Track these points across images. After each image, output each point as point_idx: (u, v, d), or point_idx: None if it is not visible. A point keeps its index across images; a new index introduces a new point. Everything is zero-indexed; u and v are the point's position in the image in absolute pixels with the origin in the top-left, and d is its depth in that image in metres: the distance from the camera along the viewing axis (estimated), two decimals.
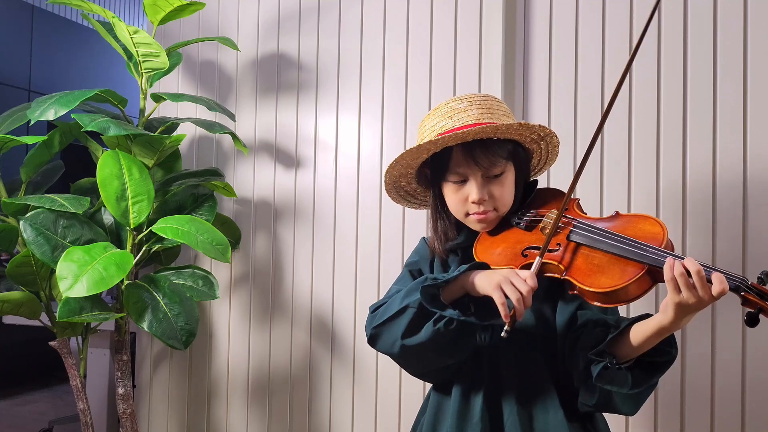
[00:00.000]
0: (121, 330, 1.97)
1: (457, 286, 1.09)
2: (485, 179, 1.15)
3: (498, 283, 1.01)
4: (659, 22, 1.66)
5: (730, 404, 1.56)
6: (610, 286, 0.97)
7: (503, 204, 1.17)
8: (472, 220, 1.17)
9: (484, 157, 1.12)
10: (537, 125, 1.15)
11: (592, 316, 1.09)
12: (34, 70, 4.95)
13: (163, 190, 2.01)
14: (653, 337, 0.98)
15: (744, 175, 1.57)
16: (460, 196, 1.16)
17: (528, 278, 1.01)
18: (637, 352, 1.01)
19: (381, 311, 1.16)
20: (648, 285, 0.97)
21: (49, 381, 4.59)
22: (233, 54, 2.24)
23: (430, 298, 1.07)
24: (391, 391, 1.93)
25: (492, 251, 1.15)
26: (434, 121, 1.17)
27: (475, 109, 1.14)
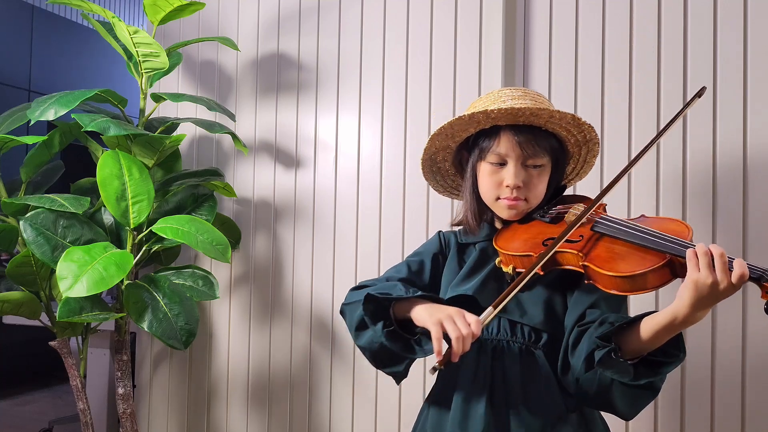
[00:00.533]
0: (121, 330, 1.97)
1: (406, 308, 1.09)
2: (524, 167, 1.15)
3: (439, 319, 1.00)
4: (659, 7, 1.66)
5: (731, 402, 1.56)
6: (629, 271, 0.97)
7: (535, 196, 1.17)
8: (502, 204, 1.17)
9: (529, 144, 1.13)
10: (588, 124, 1.17)
11: (601, 314, 1.08)
12: (34, 70, 4.95)
13: (163, 190, 2.01)
14: (663, 331, 0.96)
15: (744, 163, 1.57)
16: (496, 179, 1.16)
17: (473, 323, 0.98)
18: (645, 348, 0.99)
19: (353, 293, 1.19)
20: (667, 277, 0.97)
21: (49, 381, 4.59)
22: (233, 54, 2.24)
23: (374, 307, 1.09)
24: (391, 391, 1.93)
25: (513, 240, 1.15)
26: (484, 102, 1.17)
27: (528, 99, 1.15)
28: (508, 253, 1.13)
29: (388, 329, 1.08)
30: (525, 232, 1.16)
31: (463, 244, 1.26)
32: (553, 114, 1.12)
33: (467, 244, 1.26)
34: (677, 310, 0.94)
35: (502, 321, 1.14)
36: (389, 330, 1.08)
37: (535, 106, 1.12)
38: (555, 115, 1.13)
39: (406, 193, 1.93)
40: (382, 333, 1.07)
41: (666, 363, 1.00)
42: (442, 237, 1.29)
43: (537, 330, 1.13)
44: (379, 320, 1.09)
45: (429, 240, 1.32)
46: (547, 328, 1.12)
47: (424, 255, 1.27)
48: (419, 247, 1.32)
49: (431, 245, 1.29)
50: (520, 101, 1.14)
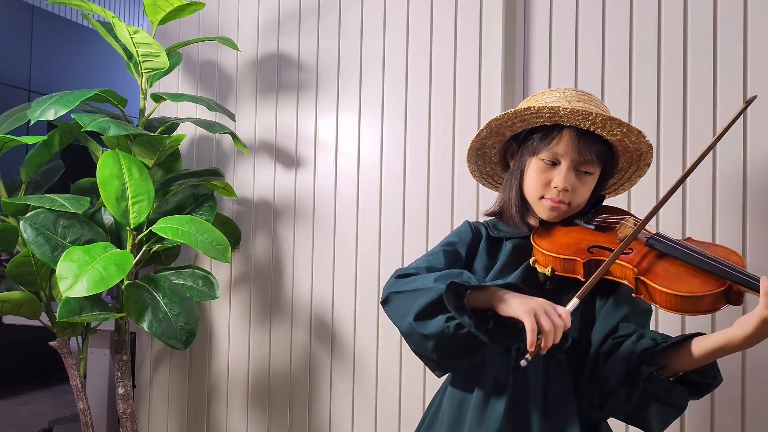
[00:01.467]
0: (121, 330, 1.97)
1: (486, 296, 1.03)
2: (575, 171, 1.14)
3: (533, 309, 0.96)
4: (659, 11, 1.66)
5: (731, 402, 1.56)
6: (688, 292, 0.97)
7: (578, 202, 1.16)
8: (545, 205, 1.16)
9: (587, 149, 1.12)
10: (649, 142, 1.16)
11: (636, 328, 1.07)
12: (34, 70, 4.95)
13: (163, 190, 2.01)
14: (715, 353, 0.96)
15: (744, 164, 1.57)
16: (544, 178, 1.15)
17: (564, 314, 0.97)
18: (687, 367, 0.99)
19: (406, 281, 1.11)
20: (722, 303, 0.98)
21: (49, 381, 4.59)
22: (233, 54, 2.24)
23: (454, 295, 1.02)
24: (391, 391, 1.93)
25: (554, 241, 1.13)
26: (550, 98, 1.16)
27: (593, 105, 1.14)
28: (550, 253, 1.10)
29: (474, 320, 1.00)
30: (566, 235, 1.15)
31: (494, 238, 1.22)
32: (621, 125, 1.11)
33: (499, 239, 1.22)
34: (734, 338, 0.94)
35: None
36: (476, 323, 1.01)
37: (607, 114, 1.11)
38: (623, 127, 1.11)
39: (406, 193, 1.93)
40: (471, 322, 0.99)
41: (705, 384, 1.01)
42: (473, 227, 1.25)
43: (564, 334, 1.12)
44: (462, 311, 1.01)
45: (459, 229, 1.26)
46: (573, 332, 1.11)
47: (458, 245, 1.22)
48: (451, 235, 1.26)
49: (465, 234, 1.24)
50: (587, 105, 1.13)
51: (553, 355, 1.11)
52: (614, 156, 1.19)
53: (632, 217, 1.17)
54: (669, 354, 1.01)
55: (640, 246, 1.07)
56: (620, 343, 1.06)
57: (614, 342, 1.07)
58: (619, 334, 1.07)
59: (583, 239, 1.13)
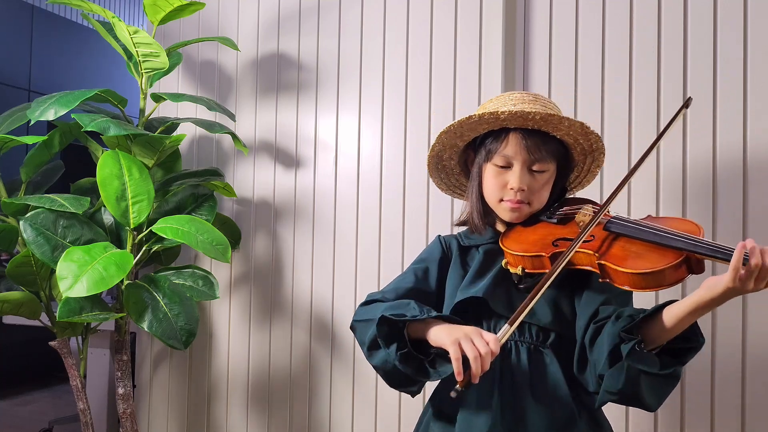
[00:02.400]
0: (121, 330, 1.97)
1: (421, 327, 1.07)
2: (529, 171, 1.16)
3: (457, 339, 0.98)
4: (659, 13, 1.66)
5: (730, 400, 1.56)
6: (647, 268, 0.99)
7: (538, 200, 1.18)
8: (505, 207, 1.18)
9: (536, 148, 1.14)
10: (596, 133, 1.18)
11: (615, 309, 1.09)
12: (34, 70, 4.95)
13: (163, 190, 2.01)
14: (688, 317, 0.97)
15: (744, 164, 1.57)
16: (500, 181, 1.17)
17: (491, 342, 0.97)
18: (667, 336, 1.00)
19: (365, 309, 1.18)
20: (684, 273, 1.00)
21: (49, 381, 4.59)
22: (233, 54, 2.24)
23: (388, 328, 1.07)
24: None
25: (521, 241, 1.16)
26: (495, 105, 1.18)
27: (540, 105, 1.16)
28: (517, 253, 1.13)
29: (401, 352, 1.06)
30: (532, 233, 1.17)
31: (465, 247, 1.26)
32: (562, 120, 1.13)
33: (470, 247, 1.25)
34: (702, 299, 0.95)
35: None
36: (403, 353, 1.06)
37: (546, 111, 1.12)
38: (564, 122, 1.13)
39: (406, 193, 1.93)
40: (396, 356, 1.05)
41: (688, 349, 1.02)
42: (443, 241, 1.29)
43: (545, 329, 1.13)
44: (393, 341, 1.07)
45: (430, 245, 1.31)
46: (555, 327, 1.12)
47: (428, 261, 1.26)
48: (422, 253, 1.31)
49: (434, 251, 1.28)
50: (531, 105, 1.15)
51: (538, 351, 1.13)
52: (568, 151, 1.21)
53: (591, 204, 1.19)
54: (645, 327, 1.02)
55: (600, 231, 1.10)
56: (602, 326, 1.07)
57: (596, 326, 1.08)
58: (599, 317, 1.09)
59: (548, 234, 1.15)
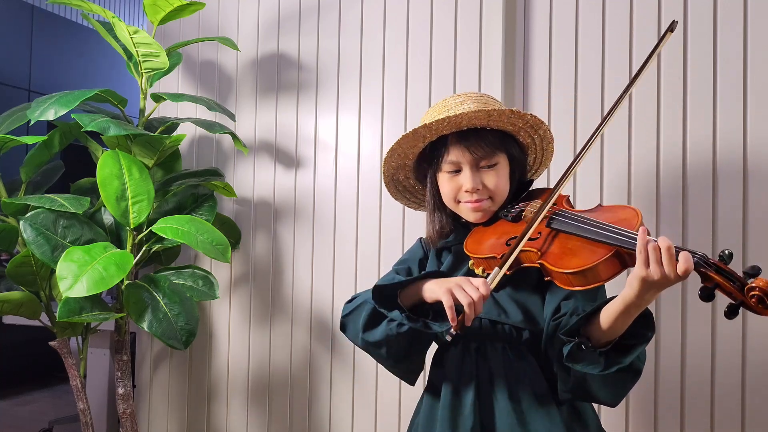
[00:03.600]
0: (121, 330, 1.97)
1: (413, 290, 1.12)
2: (479, 169, 1.17)
3: (449, 288, 1.03)
4: (659, 16, 1.66)
5: (730, 401, 1.56)
6: (578, 267, 0.99)
7: (498, 194, 1.19)
8: (466, 208, 1.19)
9: (478, 145, 1.15)
10: (528, 114, 1.18)
11: (573, 305, 1.09)
12: (34, 70, 4.95)
13: (163, 190, 2.01)
14: (621, 316, 0.97)
15: (744, 164, 1.57)
16: (454, 185, 1.19)
17: (480, 285, 1.02)
18: (612, 335, 1.00)
19: (351, 303, 1.22)
20: (617, 267, 0.99)
21: (49, 381, 4.59)
22: (233, 54, 2.24)
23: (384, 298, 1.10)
24: (390, 391, 1.93)
25: (481, 242, 1.17)
26: (432, 115, 1.19)
27: (471, 102, 1.17)
28: (475, 255, 1.15)
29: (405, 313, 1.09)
30: (492, 233, 1.18)
31: (440, 248, 1.28)
32: (491, 113, 1.13)
33: (443, 248, 1.28)
34: (627, 297, 0.95)
35: (483, 321, 1.15)
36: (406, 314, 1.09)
37: (474, 109, 1.13)
38: (494, 114, 1.14)
39: None
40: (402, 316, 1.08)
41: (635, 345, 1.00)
42: (423, 242, 1.32)
43: (518, 328, 1.14)
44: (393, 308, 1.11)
45: (412, 247, 1.35)
46: (526, 325, 1.13)
47: (410, 262, 1.30)
48: (404, 255, 1.35)
49: (415, 251, 1.32)
50: (461, 107, 1.15)
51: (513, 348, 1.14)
52: (514, 140, 1.21)
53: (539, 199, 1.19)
54: (589, 327, 1.03)
55: (544, 228, 1.10)
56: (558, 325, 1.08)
57: (554, 323, 1.09)
58: (560, 314, 1.10)
59: (504, 233, 1.16)
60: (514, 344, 1.14)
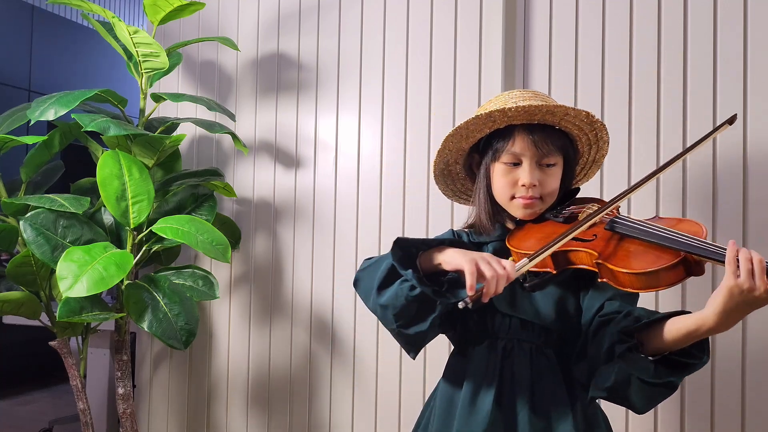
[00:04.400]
0: (121, 330, 1.97)
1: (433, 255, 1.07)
2: (538, 166, 1.15)
3: (473, 259, 0.99)
4: (659, 16, 1.66)
5: (731, 402, 1.56)
6: (642, 269, 0.97)
7: (549, 194, 1.17)
8: (518, 204, 1.17)
9: (544, 142, 1.14)
10: (601, 122, 1.17)
11: (621, 307, 1.08)
12: (34, 70, 4.95)
13: (163, 190, 2.01)
14: (689, 335, 0.95)
15: (744, 165, 1.57)
16: (510, 179, 1.16)
17: (507, 265, 0.99)
18: (667, 348, 0.98)
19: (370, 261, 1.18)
20: (681, 275, 0.97)
21: (49, 381, 4.59)
22: (233, 54, 2.24)
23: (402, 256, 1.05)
24: (391, 391, 1.93)
25: (526, 239, 1.15)
26: (496, 104, 1.17)
27: (539, 100, 1.15)
28: (522, 252, 1.12)
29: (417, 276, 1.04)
30: (538, 231, 1.16)
31: (475, 244, 1.24)
32: (568, 111, 1.12)
33: (479, 244, 1.24)
34: (706, 318, 0.93)
35: (513, 320, 1.14)
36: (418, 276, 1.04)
37: (551, 104, 1.12)
38: (570, 113, 1.13)
39: (406, 193, 1.93)
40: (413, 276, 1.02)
41: (688, 365, 0.99)
42: (455, 234, 1.28)
43: (548, 329, 1.13)
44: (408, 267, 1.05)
45: (443, 234, 1.29)
46: (558, 327, 1.12)
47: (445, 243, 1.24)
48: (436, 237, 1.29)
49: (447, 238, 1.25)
50: (533, 100, 1.14)
51: (540, 351, 1.13)
52: (573, 143, 1.21)
53: (596, 203, 1.19)
54: (646, 333, 1.01)
55: (601, 231, 1.09)
56: (608, 321, 1.06)
57: (601, 320, 1.07)
58: (605, 311, 1.08)
59: (553, 233, 1.14)
60: (542, 345, 1.13)
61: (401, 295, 1.05)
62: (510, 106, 1.12)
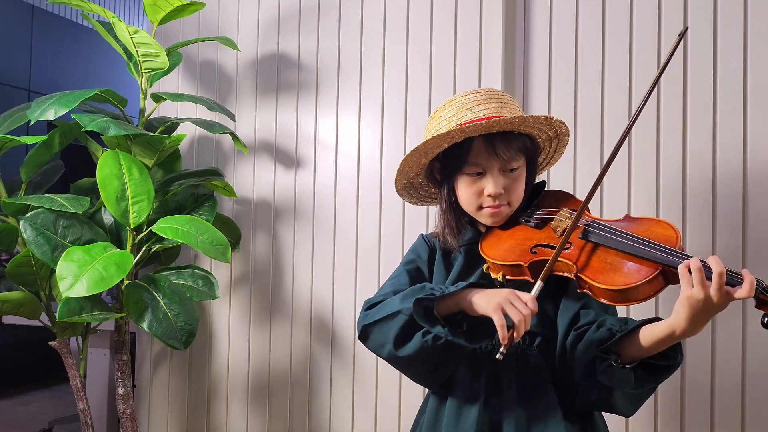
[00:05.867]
0: (121, 330, 1.97)
1: (453, 301, 1.06)
2: (502, 173, 1.14)
3: (499, 304, 0.99)
4: (659, 16, 1.66)
5: (730, 402, 1.56)
6: (623, 284, 0.97)
7: (516, 199, 1.17)
8: (485, 213, 1.16)
9: (505, 150, 1.12)
10: (560, 121, 1.16)
11: (596, 316, 1.09)
12: (34, 70, 4.95)
13: (163, 190, 2.01)
14: (663, 341, 0.97)
15: (744, 168, 1.57)
16: (475, 189, 1.15)
17: (529, 301, 0.99)
18: (643, 355, 1.00)
19: (375, 310, 1.15)
20: (660, 286, 0.98)
21: (49, 381, 4.59)
22: (233, 54, 2.24)
23: (423, 310, 1.05)
24: (391, 391, 1.93)
25: (499, 247, 1.14)
26: (451, 112, 1.16)
27: (494, 102, 1.14)
28: (496, 262, 1.12)
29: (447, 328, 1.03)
30: (510, 237, 1.15)
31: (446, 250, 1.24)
32: (526, 120, 1.11)
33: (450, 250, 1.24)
34: (675, 325, 0.94)
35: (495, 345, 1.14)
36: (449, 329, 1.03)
37: (508, 116, 1.11)
38: (528, 120, 1.12)
39: None
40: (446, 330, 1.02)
41: (665, 367, 1.01)
42: (427, 240, 1.28)
43: (531, 332, 1.13)
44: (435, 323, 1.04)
45: (415, 245, 1.29)
46: (540, 329, 1.12)
47: (418, 262, 1.25)
48: (408, 253, 1.29)
49: (421, 250, 1.27)
50: (488, 106, 1.13)
51: (524, 353, 1.13)
52: (533, 140, 1.19)
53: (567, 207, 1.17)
54: (622, 344, 1.02)
55: (576, 239, 1.07)
56: (583, 333, 1.07)
57: (577, 332, 1.08)
58: (580, 323, 1.09)
59: (526, 239, 1.13)
60: (527, 349, 1.13)
61: (426, 347, 1.05)
62: (467, 119, 1.11)
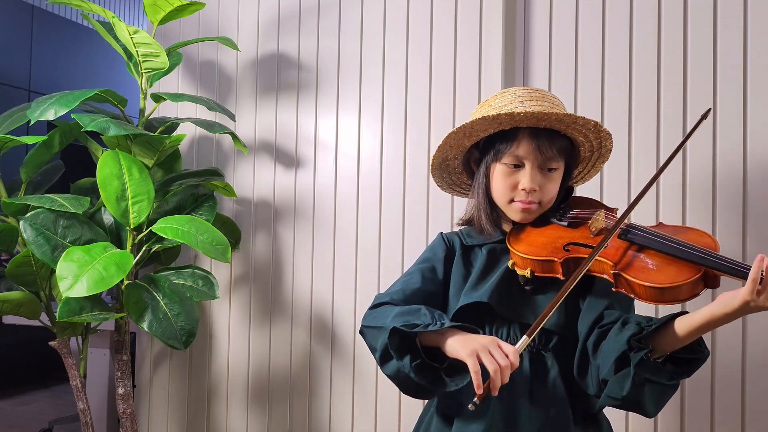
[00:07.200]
0: (121, 330, 1.97)
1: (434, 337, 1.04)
2: (539, 170, 1.14)
3: (474, 350, 0.96)
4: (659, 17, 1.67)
5: (730, 402, 1.56)
6: (666, 283, 0.97)
7: (548, 199, 1.17)
8: (516, 207, 1.16)
9: (548, 147, 1.13)
10: (607, 132, 1.16)
11: (621, 315, 1.08)
12: (34, 70, 4.95)
13: (163, 190, 2.01)
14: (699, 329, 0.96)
15: (744, 168, 1.57)
16: (511, 182, 1.15)
17: (510, 354, 0.96)
18: (675, 346, 0.99)
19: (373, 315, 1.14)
20: (700, 288, 0.99)
21: (49, 381, 4.59)
22: (233, 54, 2.24)
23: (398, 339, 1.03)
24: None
25: (531, 242, 1.14)
26: (502, 102, 1.15)
27: (546, 102, 1.14)
28: (527, 256, 1.10)
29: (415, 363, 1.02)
30: (541, 234, 1.15)
31: (468, 247, 1.23)
32: (577, 120, 1.11)
33: (472, 246, 1.22)
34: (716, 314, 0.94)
35: (513, 325, 1.13)
36: (417, 364, 1.02)
37: (560, 111, 1.11)
38: (579, 122, 1.12)
39: (406, 193, 1.93)
40: (411, 368, 1.02)
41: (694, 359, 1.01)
42: (446, 239, 1.26)
43: (549, 332, 1.12)
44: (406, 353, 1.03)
45: (433, 243, 1.27)
46: (559, 329, 1.11)
47: (434, 261, 1.23)
48: (425, 252, 1.28)
49: (438, 249, 1.25)
50: (540, 103, 1.13)
51: (539, 355, 1.12)
52: (575, 147, 1.20)
53: (602, 209, 1.17)
54: (655, 337, 1.01)
55: (615, 239, 1.08)
56: (607, 331, 1.06)
57: (601, 330, 1.07)
58: (604, 322, 1.08)
59: (559, 237, 1.13)
60: (542, 349, 1.12)
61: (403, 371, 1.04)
62: (519, 110, 1.10)
